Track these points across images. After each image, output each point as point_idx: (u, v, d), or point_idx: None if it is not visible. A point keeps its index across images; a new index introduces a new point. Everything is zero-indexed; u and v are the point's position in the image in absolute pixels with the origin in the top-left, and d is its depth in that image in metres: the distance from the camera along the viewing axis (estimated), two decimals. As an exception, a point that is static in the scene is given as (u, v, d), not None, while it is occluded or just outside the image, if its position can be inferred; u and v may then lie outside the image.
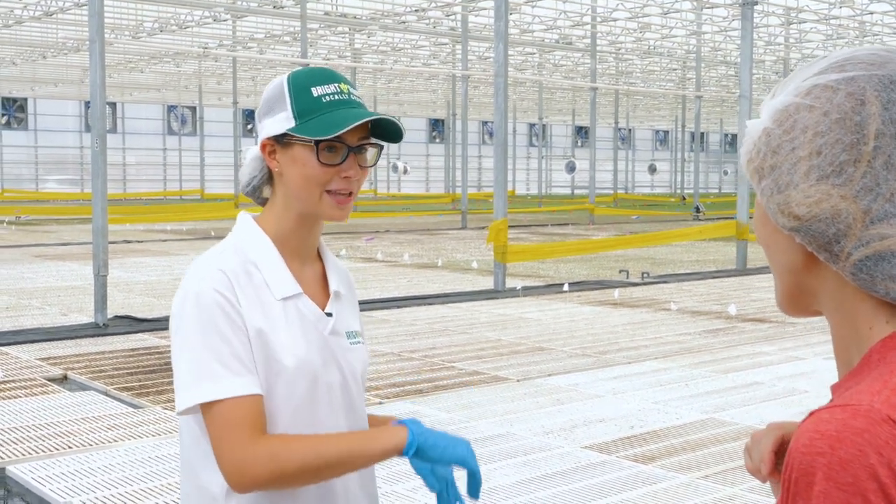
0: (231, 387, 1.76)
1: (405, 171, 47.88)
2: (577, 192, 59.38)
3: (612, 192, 45.14)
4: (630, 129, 67.71)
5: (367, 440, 1.78)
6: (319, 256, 2.01)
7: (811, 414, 0.98)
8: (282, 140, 1.86)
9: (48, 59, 38.07)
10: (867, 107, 1.01)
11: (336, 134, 1.81)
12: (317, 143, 1.83)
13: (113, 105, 50.62)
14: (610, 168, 50.92)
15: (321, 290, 1.97)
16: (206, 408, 1.77)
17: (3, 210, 34.56)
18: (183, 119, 53.53)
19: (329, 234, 25.67)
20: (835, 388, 1.06)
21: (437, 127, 61.17)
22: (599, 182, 51.97)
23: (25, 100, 49.04)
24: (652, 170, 56.80)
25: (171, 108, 53.23)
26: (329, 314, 1.93)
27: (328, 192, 1.86)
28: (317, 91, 1.85)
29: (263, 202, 1.97)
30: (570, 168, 43.77)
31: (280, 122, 1.86)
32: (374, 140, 1.90)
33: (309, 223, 1.92)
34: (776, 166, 1.06)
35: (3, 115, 48.59)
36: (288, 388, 1.84)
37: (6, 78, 43.72)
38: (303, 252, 1.95)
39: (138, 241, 23.10)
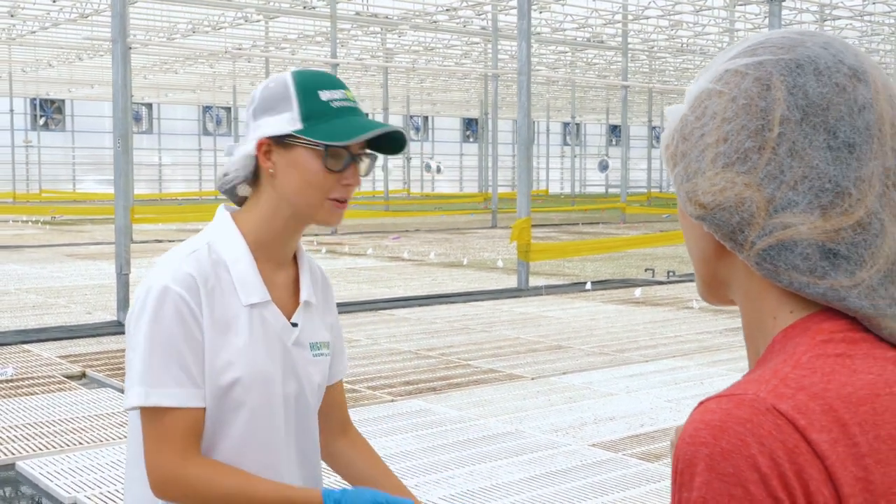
0: (172, 396, 1.76)
1: (438, 171, 47.93)
2: (611, 190, 59.14)
3: (646, 190, 44.95)
4: (664, 128, 67.40)
5: None
6: (295, 260, 1.96)
7: (700, 404, 0.96)
8: (282, 141, 1.82)
9: (84, 61, 38.52)
10: (772, 92, 0.99)
11: (352, 141, 1.79)
12: (326, 147, 1.80)
13: (149, 106, 51.15)
14: (644, 167, 50.74)
15: (291, 297, 1.93)
16: (145, 410, 1.77)
17: (39, 210, 34.98)
18: (218, 119, 53.94)
19: (356, 234, 25.76)
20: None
21: (470, 126, 61.20)
22: (634, 181, 51.79)
23: (63, 101, 49.64)
24: (686, 168, 56.44)
25: (206, 109, 53.66)
26: (294, 324, 1.90)
27: (328, 198, 1.83)
28: (325, 95, 1.81)
29: (240, 201, 1.92)
30: (603, 167, 43.64)
31: (284, 122, 1.81)
32: (370, 151, 1.87)
33: (295, 228, 1.88)
34: (686, 153, 1.04)
35: (41, 116, 49.21)
36: (241, 397, 1.82)
37: (44, 80, 44.32)
38: (279, 257, 1.90)
39: (169, 241, 23.28)
